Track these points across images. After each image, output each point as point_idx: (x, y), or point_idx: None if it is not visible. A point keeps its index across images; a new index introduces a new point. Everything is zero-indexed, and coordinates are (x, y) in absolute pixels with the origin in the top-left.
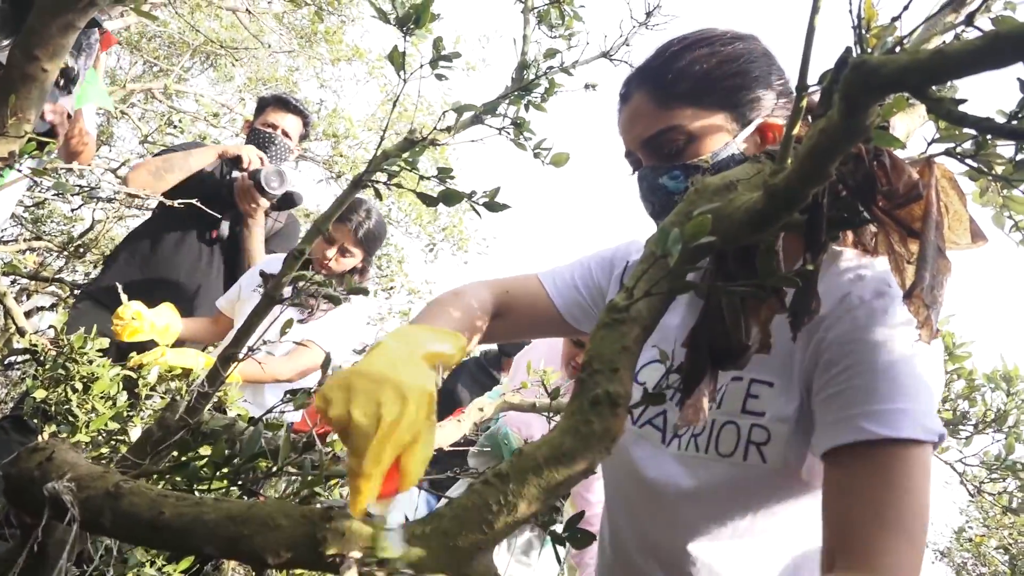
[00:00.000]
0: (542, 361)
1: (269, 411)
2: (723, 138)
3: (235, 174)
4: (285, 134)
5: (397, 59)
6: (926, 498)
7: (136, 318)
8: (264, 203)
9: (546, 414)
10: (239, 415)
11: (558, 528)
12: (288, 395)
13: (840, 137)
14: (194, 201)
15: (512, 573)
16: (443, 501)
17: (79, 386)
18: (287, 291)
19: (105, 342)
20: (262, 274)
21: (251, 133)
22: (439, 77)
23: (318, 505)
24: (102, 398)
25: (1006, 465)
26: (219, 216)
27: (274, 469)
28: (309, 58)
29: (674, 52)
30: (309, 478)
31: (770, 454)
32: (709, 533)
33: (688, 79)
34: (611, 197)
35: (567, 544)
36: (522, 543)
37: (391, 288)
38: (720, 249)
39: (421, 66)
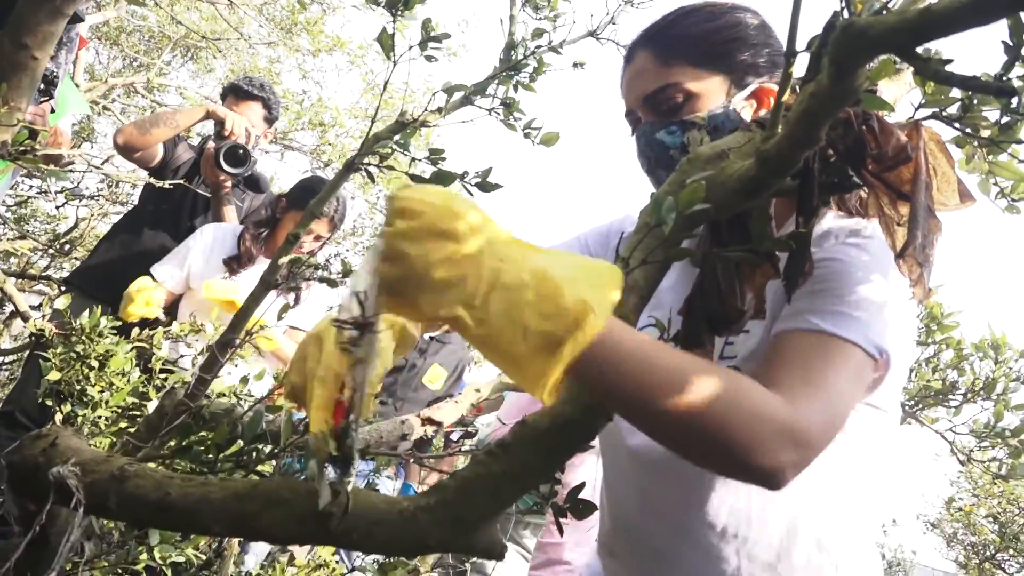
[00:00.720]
0: None
1: (267, 395)
2: (719, 99)
3: (210, 143)
4: None
5: (387, 41)
6: (851, 395)
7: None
8: (223, 176)
9: None
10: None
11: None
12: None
13: (830, 100)
14: (180, 181)
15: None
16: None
17: (95, 364)
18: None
19: (116, 321)
20: (225, 261)
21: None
22: (429, 59)
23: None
24: (118, 374)
25: (995, 432)
26: (206, 195)
27: (276, 451)
28: (290, 49)
29: (678, 16)
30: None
31: None
32: (699, 487)
33: (689, 40)
34: (601, 175)
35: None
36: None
37: None
38: (714, 217)
39: (411, 47)
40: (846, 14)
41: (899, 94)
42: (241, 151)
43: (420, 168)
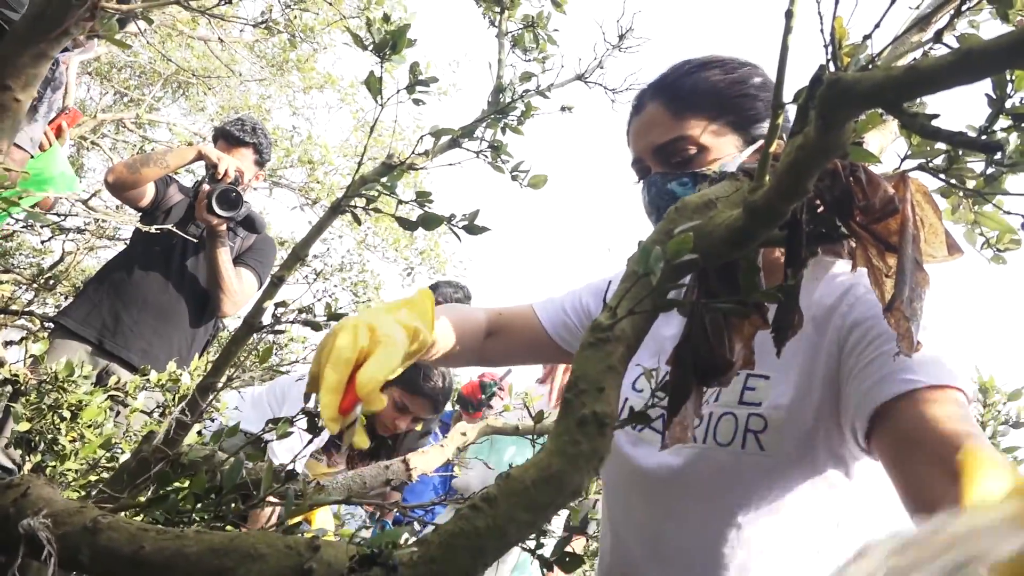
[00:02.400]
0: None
1: (248, 442)
2: (729, 152)
3: (204, 186)
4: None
5: (374, 84)
6: (979, 431)
7: None
8: (217, 220)
9: (529, 437)
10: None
11: (546, 552)
12: (270, 424)
13: (817, 153)
14: (170, 226)
15: None
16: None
17: (67, 414)
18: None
19: (89, 369)
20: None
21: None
22: (416, 102)
23: (302, 535)
24: (90, 426)
25: None
26: (195, 239)
27: (257, 501)
28: (281, 86)
29: (689, 69)
30: (293, 507)
31: (768, 442)
32: (710, 525)
33: (701, 94)
34: (588, 219)
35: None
36: (509, 568)
37: None
38: (702, 266)
39: (398, 91)
40: (832, 67)
41: (885, 143)
42: (234, 194)
43: (407, 210)
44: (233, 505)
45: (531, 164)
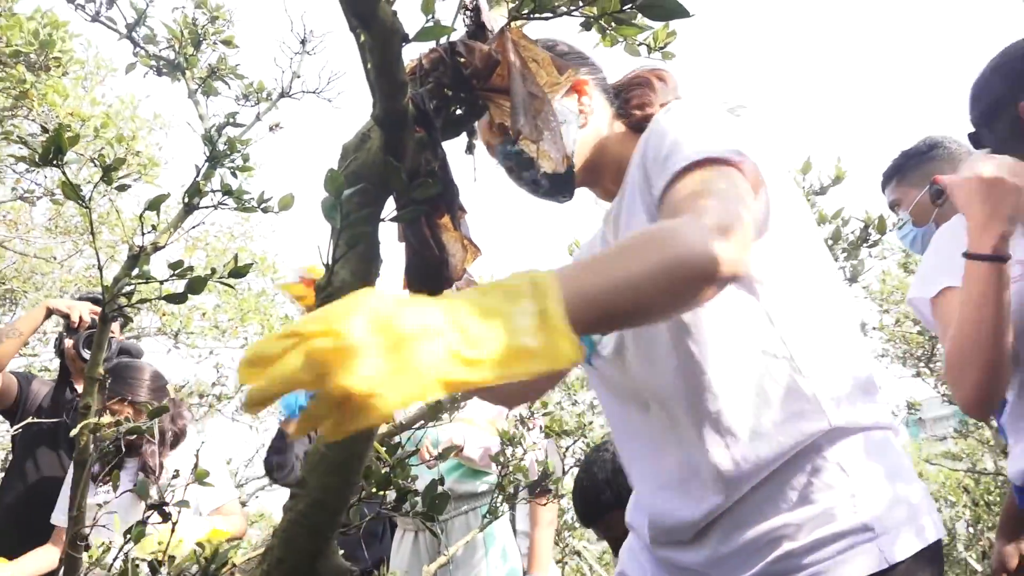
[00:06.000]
0: None
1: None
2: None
3: (66, 341)
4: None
5: (70, 192)
6: (738, 193)
7: None
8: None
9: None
10: None
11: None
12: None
13: (375, 46)
14: (31, 419)
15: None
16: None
17: None
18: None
19: None
20: None
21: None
22: (121, 188)
23: None
24: None
25: None
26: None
27: None
28: (88, 243)
29: None
30: None
31: None
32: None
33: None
34: None
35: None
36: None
37: None
38: (381, 191)
39: (94, 186)
40: None
41: (503, 11)
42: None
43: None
44: None
45: (275, 191)
